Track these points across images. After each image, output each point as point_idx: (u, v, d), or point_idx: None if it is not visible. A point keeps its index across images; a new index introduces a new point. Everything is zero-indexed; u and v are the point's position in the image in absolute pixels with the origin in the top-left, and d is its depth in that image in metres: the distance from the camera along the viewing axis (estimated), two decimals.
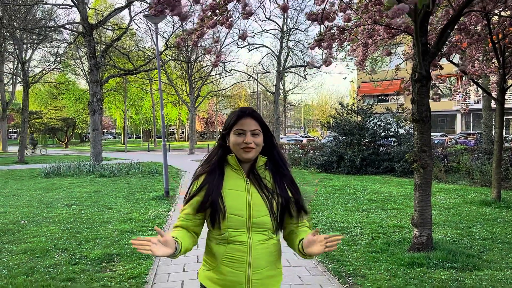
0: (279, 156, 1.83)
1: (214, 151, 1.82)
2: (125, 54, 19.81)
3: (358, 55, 7.85)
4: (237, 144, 1.71)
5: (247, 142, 1.69)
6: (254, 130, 1.72)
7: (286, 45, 27.84)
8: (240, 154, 1.72)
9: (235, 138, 1.72)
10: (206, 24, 5.32)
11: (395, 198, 8.94)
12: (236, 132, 1.73)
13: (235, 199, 1.69)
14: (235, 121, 1.74)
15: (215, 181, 1.71)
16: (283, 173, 1.80)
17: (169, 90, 36.29)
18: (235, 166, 1.75)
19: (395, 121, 15.03)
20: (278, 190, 1.74)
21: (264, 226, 1.70)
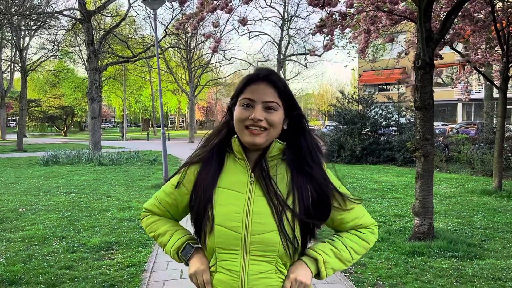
0: (309, 145, 1.25)
1: (215, 131, 1.30)
2: (124, 41, 19.64)
3: (360, 42, 7.74)
4: (240, 121, 1.19)
5: (255, 118, 1.16)
6: (269, 103, 1.19)
7: (287, 33, 27.66)
8: (242, 136, 1.19)
9: (240, 112, 1.20)
10: (206, 9, 5.22)
11: (396, 187, 8.90)
12: (242, 103, 1.20)
13: (229, 203, 1.18)
14: (243, 87, 1.23)
15: (209, 174, 1.23)
16: (307, 172, 1.22)
17: (169, 78, 36.10)
18: (238, 153, 1.23)
19: (396, 110, 14.93)
20: (296, 196, 1.19)
21: (269, 249, 1.15)
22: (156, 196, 1.39)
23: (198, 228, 1.24)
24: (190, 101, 30.54)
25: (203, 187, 1.22)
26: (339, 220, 1.29)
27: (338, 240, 1.28)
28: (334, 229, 1.33)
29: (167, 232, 1.34)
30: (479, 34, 7.35)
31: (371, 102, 15.12)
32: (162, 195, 1.36)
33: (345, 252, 1.26)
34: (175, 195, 1.32)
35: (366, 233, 1.33)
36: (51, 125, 53.72)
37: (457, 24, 7.10)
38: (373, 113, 14.92)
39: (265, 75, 1.22)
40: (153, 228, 1.38)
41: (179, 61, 34.24)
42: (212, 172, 1.23)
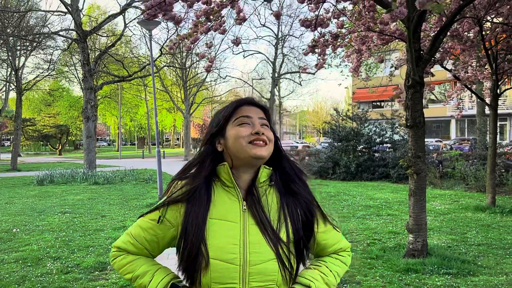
0: (291, 165, 1.28)
1: (200, 160, 1.24)
2: (119, 61, 19.79)
3: (352, 62, 7.88)
4: (242, 138, 1.17)
5: (259, 131, 1.18)
6: (263, 120, 1.23)
7: (281, 52, 28.00)
8: (248, 151, 1.17)
9: (239, 130, 1.19)
10: (200, 30, 5.32)
11: (391, 204, 8.93)
12: (238, 122, 1.21)
13: (224, 235, 1.14)
14: (234, 110, 1.24)
15: (200, 208, 1.17)
16: (296, 192, 1.25)
17: (164, 96, 36.26)
18: (228, 181, 1.20)
19: (390, 127, 15.07)
20: (289, 221, 1.20)
21: (269, 278, 1.14)
22: (130, 233, 1.25)
23: (189, 265, 1.15)
24: (186, 119, 30.65)
25: (195, 223, 1.15)
26: (322, 245, 1.32)
27: (323, 265, 1.30)
28: (316, 254, 1.35)
29: (147, 272, 1.22)
30: (469, 52, 7.51)
31: (365, 119, 15.26)
32: (138, 231, 1.23)
33: (331, 276, 1.28)
34: (155, 230, 1.22)
35: (345, 256, 1.38)
36: (46, 144, 53.52)
37: (446, 43, 7.26)
38: (367, 130, 15.05)
39: (252, 101, 1.28)
40: (129, 269, 1.24)
41: (174, 79, 34.48)
42: (203, 206, 1.17)
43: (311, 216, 1.26)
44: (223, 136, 1.23)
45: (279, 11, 5.73)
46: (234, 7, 5.26)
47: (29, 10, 17.66)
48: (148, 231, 1.22)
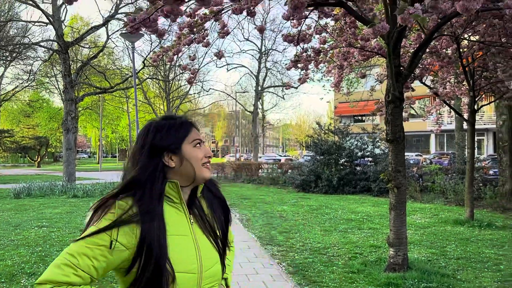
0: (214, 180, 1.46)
1: (151, 176, 1.20)
2: (101, 72, 19.62)
3: (334, 77, 7.99)
4: (199, 159, 1.26)
5: (211, 154, 1.31)
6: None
7: (265, 65, 28.20)
8: (202, 174, 1.26)
9: (197, 151, 1.27)
10: (183, 42, 5.32)
11: (372, 218, 8.99)
12: (195, 144, 1.27)
13: (183, 248, 1.20)
14: (190, 129, 1.30)
15: (160, 229, 1.16)
16: (219, 197, 1.42)
17: (147, 108, 36.00)
18: (176, 197, 1.25)
19: (371, 141, 15.26)
20: (217, 222, 1.36)
21: (216, 279, 1.29)
22: (71, 263, 1.10)
23: (153, 283, 1.13)
24: None
25: (157, 243, 1.14)
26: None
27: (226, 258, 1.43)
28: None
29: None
30: (447, 69, 7.70)
31: (346, 133, 15.43)
32: (84, 260, 1.10)
33: (231, 266, 1.55)
34: (106, 256, 1.12)
35: (233, 246, 1.61)
36: (24, 156, 52.39)
37: (425, 60, 7.43)
38: (348, 143, 15.20)
39: (193, 122, 1.34)
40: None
41: (157, 91, 34.30)
42: (161, 225, 1.17)
43: (227, 215, 1.43)
44: (175, 154, 1.24)
45: (263, 25, 5.78)
46: (218, 21, 5.30)
47: (9, 20, 17.44)
48: (98, 258, 1.11)
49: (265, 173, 19.39)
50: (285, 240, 6.79)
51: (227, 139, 76.49)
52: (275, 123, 71.45)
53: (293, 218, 8.95)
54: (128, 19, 3.43)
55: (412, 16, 1.95)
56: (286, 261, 5.57)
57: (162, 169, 1.23)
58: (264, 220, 8.82)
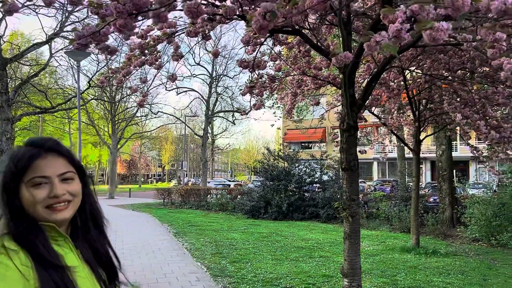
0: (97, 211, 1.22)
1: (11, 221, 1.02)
2: (42, 91, 18.60)
3: (286, 104, 8.03)
4: (37, 203, 1.02)
5: (58, 194, 1.04)
6: (65, 174, 1.08)
7: (215, 90, 28.20)
8: (46, 217, 1.03)
9: (33, 194, 1.02)
10: (134, 63, 5.09)
11: (322, 245, 8.96)
12: (31, 184, 1.03)
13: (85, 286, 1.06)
14: (27, 165, 1.03)
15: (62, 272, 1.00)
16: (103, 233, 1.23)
17: (90, 130, 34.55)
18: (56, 234, 1.07)
19: (319, 167, 15.49)
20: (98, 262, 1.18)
21: None
22: None
23: None
24: (112, 154, 29.28)
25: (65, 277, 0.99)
26: None
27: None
28: None
29: None
30: (394, 100, 7.98)
31: (296, 159, 15.56)
32: None
33: None
34: None
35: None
36: None
37: (374, 91, 7.67)
38: (297, 170, 15.32)
39: (50, 147, 1.09)
40: None
41: (102, 113, 33.11)
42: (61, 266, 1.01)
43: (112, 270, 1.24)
44: (16, 195, 1.04)
45: (217, 49, 5.68)
46: (170, 43, 5.13)
47: None
48: None
49: (214, 199, 19.02)
50: (236, 271, 6.53)
51: (174, 163, 75.05)
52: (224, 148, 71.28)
53: (243, 247, 8.71)
54: (76, 34, 3.18)
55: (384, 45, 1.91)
56: None
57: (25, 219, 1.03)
58: (213, 249, 8.50)
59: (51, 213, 1.04)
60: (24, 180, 1.03)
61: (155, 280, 5.97)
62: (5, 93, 14.39)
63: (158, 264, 7.10)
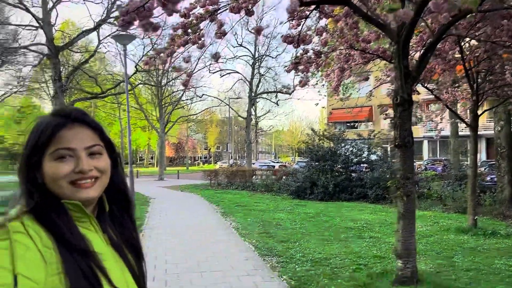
0: (126, 193, 1.10)
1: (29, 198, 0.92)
2: (93, 77, 19.25)
3: (332, 81, 7.74)
4: (60, 178, 0.92)
5: (83, 170, 0.93)
6: (93, 147, 0.97)
7: (258, 71, 27.99)
8: (70, 194, 0.93)
9: (56, 167, 0.92)
10: (177, 43, 5.05)
11: (372, 226, 8.71)
12: (55, 156, 0.93)
13: (112, 272, 0.94)
14: (51, 135, 0.93)
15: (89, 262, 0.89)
16: (132, 217, 1.12)
17: (139, 115, 35.59)
18: (81, 214, 0.96)
19: (366, 147, 15.04)
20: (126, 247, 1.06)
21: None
22: None
23: None
24: (160, 138, 30.04)
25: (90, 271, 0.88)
26: None
27: None
28: None
29: None
30: (449, 73, 7.49)
31: (341, 139, 15.20)
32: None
33: None
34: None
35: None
36: (14, 163, 51.47)
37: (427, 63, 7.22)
38: (344, 150, 14.97)
39: (77, 117, 0.97)
40: None
41: (149, 97, 33.94)
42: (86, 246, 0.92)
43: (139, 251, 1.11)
44: (38, 169, 0.94)
45: (260, 26, 5.50)
46: (213, 21, 5.03)
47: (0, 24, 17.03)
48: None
49: (259, 180, 19.07)
50: (284, 250, 6.48)
51: (220, 145, 76.12)
52: (267, 130, 71.27)
53: (290, 227, 8.64)
54: (120, 11, 3.14)
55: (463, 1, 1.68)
56: (287, 273, 5.26)
57: (35, 187, 0.93)
58: (260, 228, 8.50)
59: (75, 190, 0.93)
60: (47, 152, 0.93)
61: (205, 258, 6.04)
62: (59, 80, 15.01)
63: (207, 242, 7.18)
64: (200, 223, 9.47)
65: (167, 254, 6.37)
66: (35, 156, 0.93)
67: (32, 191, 0.92)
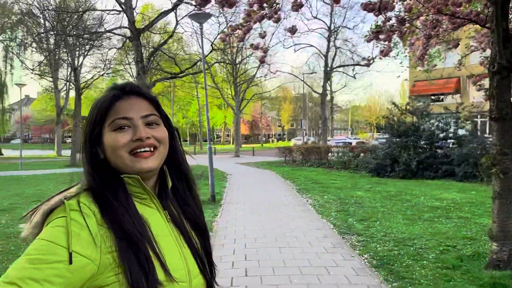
0: (187, 169, 1.09)
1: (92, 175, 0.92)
2: (172, 57, 19.97)
3: (416, 50, 7.20)
4: (120, 148, 0.92)
5: (142, 137, 0.93)
6: (149, 116, 0.97)
7: (334, 44, 27.13)
8: (131, 165, 0.92)
9: (115, 138, 0.93)
10: (253, 18, 4.98)
11: (460, 205, 8.13)
12: (114, 126, 0.93)
13: (169, 252, 0.93)
14: (109, 107, 0.94)
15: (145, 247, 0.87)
16: (194, 194, 1.09)
17: (215, 93, 36.51)
18: (140, 191, 0.95)
19: (454, 121, 13.98)
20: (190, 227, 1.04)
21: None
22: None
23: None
24: (236, 116, 30.63)
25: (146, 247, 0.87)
26: None
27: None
28: None
29: None
30: None
31: (425, 113, 14.26)
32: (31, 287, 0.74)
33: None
34: (65, 275, 0.77)
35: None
36: None
37: None
38: (428, 124, 14.06)
39: (131, 89, 0.97)
40: None
41: (225, 76, 34.58)
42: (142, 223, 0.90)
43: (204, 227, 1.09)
44: (99, 144, 0.95)
45: None
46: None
47: (86, 10, 18.22)
48: (54, 282, 0.76)
49: (335, 157, 18.70)
50: (364, 229, 6.28)
51: (293, 122, 75.90)
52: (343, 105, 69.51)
53: (370, 205, 8.37)
54: None
55: None
56: (368, 252, 5.10)
57: (97, 163, 0.94)
58: (338, 206, 8.34)
59: (136, 161, 0.92)
60: (106, 124, 0.94)
61: (283, 234, 6.06)
62: (141, 62, 15.76)
63: (284, 219, 7.20)
64: (276, 199, 9.53)
65: (246, 229, 6.49)
66: (95, 130, 0.94)
67: (93, 168, 0.93)
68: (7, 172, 19.20)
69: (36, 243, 0.80)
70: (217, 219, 7.34)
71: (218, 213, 7.90)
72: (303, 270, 4.41)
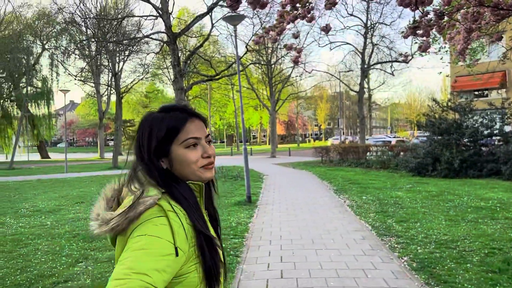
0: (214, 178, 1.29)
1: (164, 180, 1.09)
2: (207, 60, 20.25)
3: (458, 44, 6.92)
4: (193, 163, 1.11)
5: (213, 154, 1.15)
6: (208, 136, 1.17)
7: (371, 41, 26.55)
8: (200, 175, 1.12)
9: (188, 155, 1.10)
10: (287, 19, 4.96)
11: (507, 206, 7.75)
12: (188, 144, 1.11)
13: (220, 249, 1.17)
14: (180, 127, 1.11)
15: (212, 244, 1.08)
16: (212, 197, 1.28)
17: (250, 94, 36.67)
18: (198, 194, 1.15)
19: (499, 117, 13.34)
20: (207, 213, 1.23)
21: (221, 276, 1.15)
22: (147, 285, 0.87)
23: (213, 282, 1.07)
24: (271, 116, 30.60)
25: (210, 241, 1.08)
26: None
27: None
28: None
29: None
30: None
31: (469, 110, 13.69)
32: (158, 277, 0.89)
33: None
34: (171, 266, 0.95)
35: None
36: None
37: None
38: (472, 121, 13.50)
39: (193, 112, 1.17)
40: None
41: (260, 77, 34.66)
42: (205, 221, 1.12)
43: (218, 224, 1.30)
44: (166, 156, 1.12)
45: None
46: None
47: (125, 17, 18.81)
48: (167, 271, 0.94)
49: (374, 156, 18.30)
50: (404, 231, 6.10)
51: (330, 121, 74.99)
52: (382, 103, 67.89)
53: (410, 206, 8.12)
54: None
55: None
56: (407, 255, 4.94)
57: (163, 173, 1.12)
58: (377, 207, 8.15)
59: (204, 172, 1.13)
60: (177, 142, 1.11)
61: (319, 236, 5.99)
62: (177, 65, 16.08)
63: (321, 220, 7.12)
64: (313, 200, 9.43)
65: (281, 230, 6.47)
66: (166, 145, 1.11)
67: (159, 176, 1.09)
68: (54, 175, 20.12)
69: (147, 239, 0.95)
70: (253, 220, 7.36)
71: (254, 214, 7.91)
72: (340, 273, 4.34)
